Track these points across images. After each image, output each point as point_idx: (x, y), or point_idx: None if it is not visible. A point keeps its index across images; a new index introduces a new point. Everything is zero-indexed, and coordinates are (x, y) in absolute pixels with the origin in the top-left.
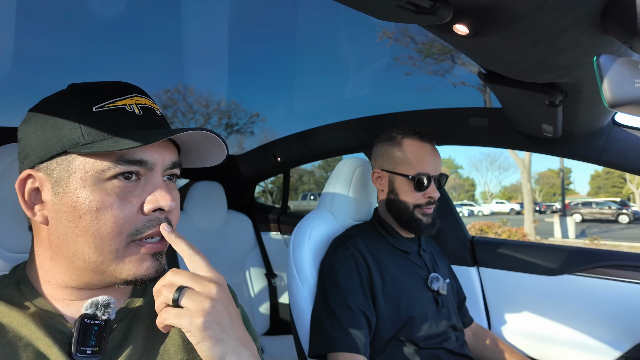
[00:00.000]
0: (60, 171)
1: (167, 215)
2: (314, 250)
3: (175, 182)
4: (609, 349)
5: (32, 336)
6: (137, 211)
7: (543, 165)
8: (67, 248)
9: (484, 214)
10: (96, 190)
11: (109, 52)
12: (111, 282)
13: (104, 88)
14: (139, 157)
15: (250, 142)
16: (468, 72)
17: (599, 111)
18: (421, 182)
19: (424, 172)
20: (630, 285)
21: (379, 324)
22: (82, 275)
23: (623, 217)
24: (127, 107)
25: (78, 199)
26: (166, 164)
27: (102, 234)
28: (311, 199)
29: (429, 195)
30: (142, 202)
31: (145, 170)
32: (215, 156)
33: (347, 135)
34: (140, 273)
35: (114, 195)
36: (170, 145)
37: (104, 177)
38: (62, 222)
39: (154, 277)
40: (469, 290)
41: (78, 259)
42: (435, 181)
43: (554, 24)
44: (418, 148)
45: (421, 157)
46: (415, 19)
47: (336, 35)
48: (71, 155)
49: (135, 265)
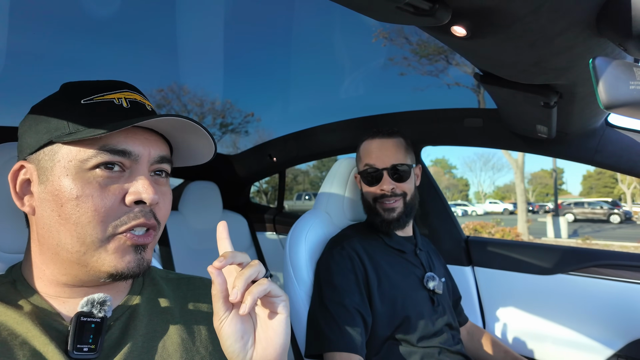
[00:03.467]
0: (46, 161)
1: (152, 209)
2: (310, 250)
3: (164, 178)
4: (603, 348)
5: (28, 334)
6: (119, 202)
7: (536, 166)
8: (51, 238)
9: (477, 214)
10: (78, 179)
11: (103, 51)
12: (95, 276)
13: (96, 84)
14: (122, 147)
15: (244, 142)
16: (462, 73)
17: (593, 112)
18: (368, 175)
19: (370, 164)
20: (623, 285)
21: (375, 324)
22: (68, 269)
23: (615, 217)
24: (115, 100)
25: (60, 187)
26: (153, 158)
27: (83, 222)
28: (306, 199)
29: (381, 188)
30: (124, 192)
31: (130, 161)
32: (205, 151)
33: (342, 136)
34: (121, 266)
35: (96, 184)
36: (158, 139)
37: (87, 166)
38: (47, 211)
39: (135, 272)
40: (464, 289)
41: (62, 250)
42: (389, 173)
43: (550, 26)
44: (367, 145)
45: (367, 152)
46: (414, 21)
47: (331, 36)
48: (56, 145)
49: (116, 257)
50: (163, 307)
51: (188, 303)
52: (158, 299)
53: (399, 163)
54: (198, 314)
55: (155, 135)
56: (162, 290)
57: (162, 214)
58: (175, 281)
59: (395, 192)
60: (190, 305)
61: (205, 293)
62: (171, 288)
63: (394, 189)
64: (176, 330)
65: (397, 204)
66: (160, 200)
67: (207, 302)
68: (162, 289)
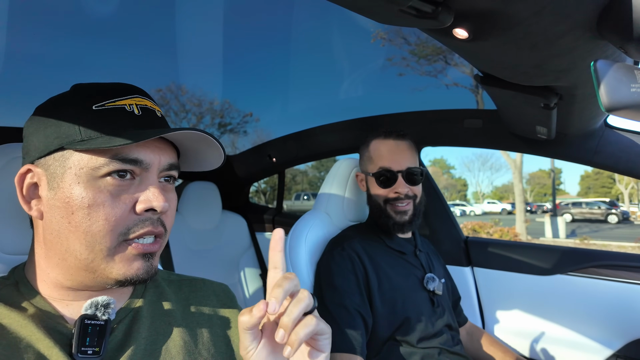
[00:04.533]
0: (57, 167)
1: (160, 216)
2: (311, 251)
3: (172, 184)
4: (601, 348)
5: (32, 337)
6: (129, 210)
7: (534, 166)
8: (59, 244)
9: (476, 214)
10: (89, 187)
11: (102, 51)
12: (103, 282)
13: (107, 88)
14: (134, 156)
15: (243, 142)
16: (460, 74)
17: (592, 113)
18: (383, 177)
19: (385, 167)
20: (622, 285)
21: (376, 324)
22: (74, 274)
23: (612, 217)
24: (126, 107)
25: (71, 194)
26: (162, 165)
27: (94, 231)
28: (305, 199)
29: (396, 190)
30: (135, 201)
31: (141, 169)
32: (213, 160)
33: (342, 136)
34: (130, 273)
35: (107, 192)
36: (167, 146)
37: (98, 174)
38: (56, 218)
39: (144, 278)
40: (463, 290)
41: (70, 256)
42: (404, 176)
43: (551, 29)
44: (380, 145)
45: (382, 154)
46: (416, 23)
47: (330, 36)
48: (68, 151)
49: (125, 265)
50: (165, 310)
51: (190, 305)
52: (160, 301)
53: (414, 166)
54: (200, 317)
55: (165, 143)
56: (164, 293)
57: (169, 220)
58: (177, 283)
59: (407, 195)
60: (192, 308)
61: (207, 295)
62: (173, 290)
63: (407, 191)
64: (178, 332)
65: (409, 207)
66: (169, 207)
67: (209, 305)
68: (164, 291)
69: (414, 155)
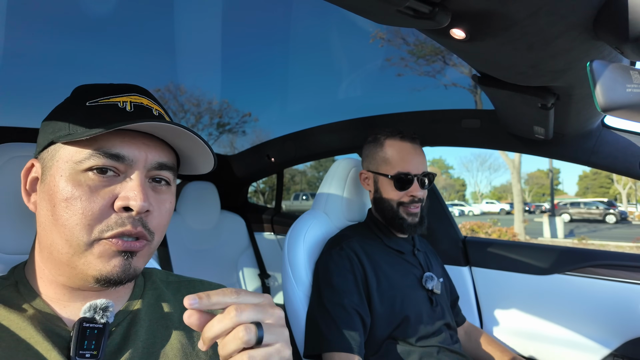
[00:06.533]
0: (48, 160)
1: (141, 217)
2: (309, 251)
3: (164, 186)
4: (599, 347)
5: (31, 340)
6: (107, 206)
7: (532, 166)
8: (46, 238)
9: (474, 214)
10: (70, 181)
11: (100, 51)
12: (83, 280)
13: (106, 87)
14: (116, 150)
15: (242, 142)
16: (459, 74)
17: (589, 114)
18: (401, 181)
19: (404, 171)
20: (619, 284)
21: (374, 324)
22: (61, 270)
23: (610, 217)
24: (119, 104)
25: (55, 187)
26: (150, 163)
27: (71, 224)
28: (303, 199)
29: (412, 194)
30: (114, 198)
31: (125, 166)
32: (204, 160)
33: (340, 136)
34: (106, 270)
35: (86, 187)
36: (159, 145)
37: (80, 168)
38: (43, 211)
39: (120, 277)
40: (461, 289)
41: (54, 250)
42: (419, 180)
43: (548, 29)
44: (398, 147)
45: (401, 157)
46: (414, 24)
47: (328, 36)
48: (57, 145)
49: (102, 261)
50: (163, 312)
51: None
52: (158, 303)
53: (429, 172)
54: None
55: (156, 141)
56: (163, 295)
57: (155, 223)
58: (176, 284)
59: (420, 198)
60: None
61: None
62: (172, 292)
63: (421, 195)
64: (176, 335)
65: (418, 209)
66: (155, 208)
67: None
68: (163, 292)
69: (425, 158)
